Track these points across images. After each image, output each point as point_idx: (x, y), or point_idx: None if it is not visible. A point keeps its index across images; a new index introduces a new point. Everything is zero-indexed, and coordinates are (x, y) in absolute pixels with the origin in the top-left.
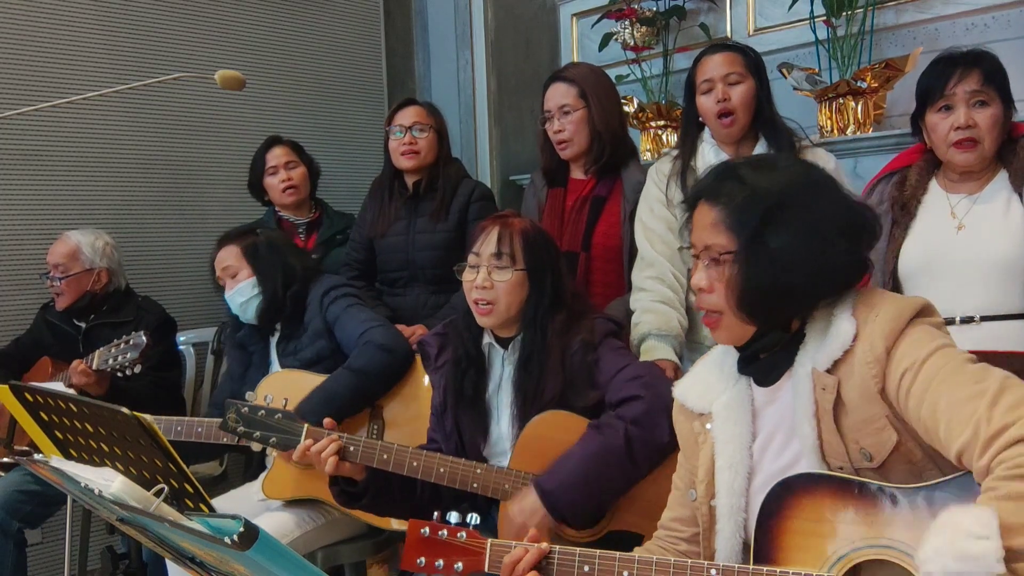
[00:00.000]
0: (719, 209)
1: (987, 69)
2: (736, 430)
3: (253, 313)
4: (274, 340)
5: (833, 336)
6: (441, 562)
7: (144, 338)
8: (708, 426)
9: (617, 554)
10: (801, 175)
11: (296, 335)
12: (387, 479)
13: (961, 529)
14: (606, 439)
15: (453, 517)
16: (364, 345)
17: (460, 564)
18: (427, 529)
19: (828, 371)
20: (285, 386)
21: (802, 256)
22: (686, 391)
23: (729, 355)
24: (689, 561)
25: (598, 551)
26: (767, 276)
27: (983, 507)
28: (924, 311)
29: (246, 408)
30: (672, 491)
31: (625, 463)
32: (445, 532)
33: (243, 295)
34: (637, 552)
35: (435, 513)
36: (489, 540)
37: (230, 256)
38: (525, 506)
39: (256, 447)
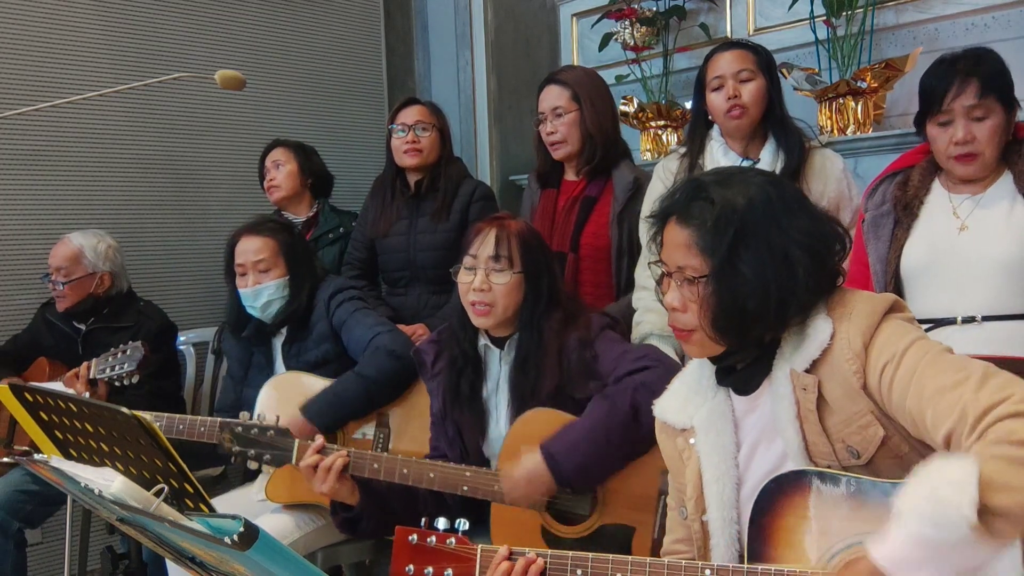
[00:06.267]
0: (691, 231)
1: (985, 78)
2: (720, 441)
3: (273, 313)
4: (279, 342)
5: (810, 337)
6: (430, 569)
7: (142, 349)
8: (692, 441)
9: (610, 556)
10: (769, 192)
11: (301, 337)
12: (383, 498)
13: (941, 474)
14: (613, 403)
15: (441, 523)
16: (374, 351)
17: (450, 571)
18: (415, 536)
19: (807, 371)
20: (289, 388)
21: (771, 278)
22: (666, 408)
23: (706, 368)
24: (683, 561)
25: (591, 554)
26: (739, 299)
27: (967, 458)
28: (895, 307)
29: (240, 428)
30: (668, 513)
31: (631, 426)
32: (433, 539)
33: (271, 294)
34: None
35: (423, 520)
36: (479, 546)
37: (266, 249)
38: (529, 468)
39: (253, 465)
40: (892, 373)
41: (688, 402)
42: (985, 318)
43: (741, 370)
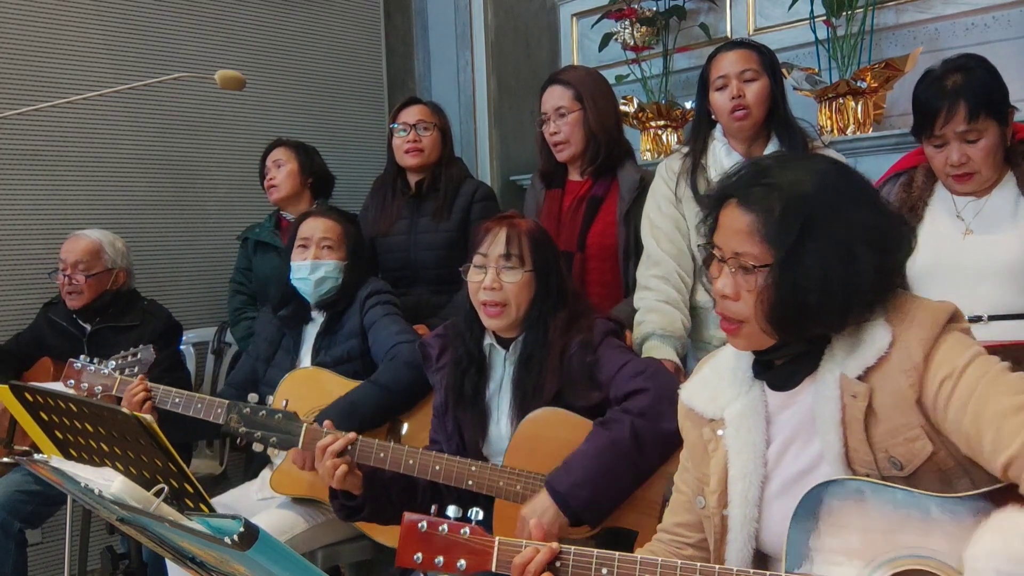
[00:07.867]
0: (754, 217)
1: (973, 99)
2: (750, 438)
3: (323, 291)
4: (313, 330)
5: (867, 343)
6: (441, 559)
7: (152, 353)
8: (720, 432)
9: (638, 557)
10: (837, 181)
11: (334, 330)
12: (385, 489)
13: (1019, 531)
14: (613, 434)
15: (452, 511)
16: (391, 360)
17: (463, 562)
18: (424, 524)
19: (859, 378)
20: (307, 384)
21: (834, 274)
22: (693, 394)
23: (743, 359)
24: (717, 567)
25: (617, 553)
26: (800, 293)
27: None
28: (955, 316)
29: (248, 409)
30: (675, 495)
31: (634, 456)
32: (445, 527)
33: (328, 271)
34: (657, 556)
35: (432, 507)
36: (497, 538)
37: (334, 231)
38: (537, 507)
39: (258, 447)
40: (950, 389)
41: (720, 392)
42: (992, 318)
43: (781, 365)
